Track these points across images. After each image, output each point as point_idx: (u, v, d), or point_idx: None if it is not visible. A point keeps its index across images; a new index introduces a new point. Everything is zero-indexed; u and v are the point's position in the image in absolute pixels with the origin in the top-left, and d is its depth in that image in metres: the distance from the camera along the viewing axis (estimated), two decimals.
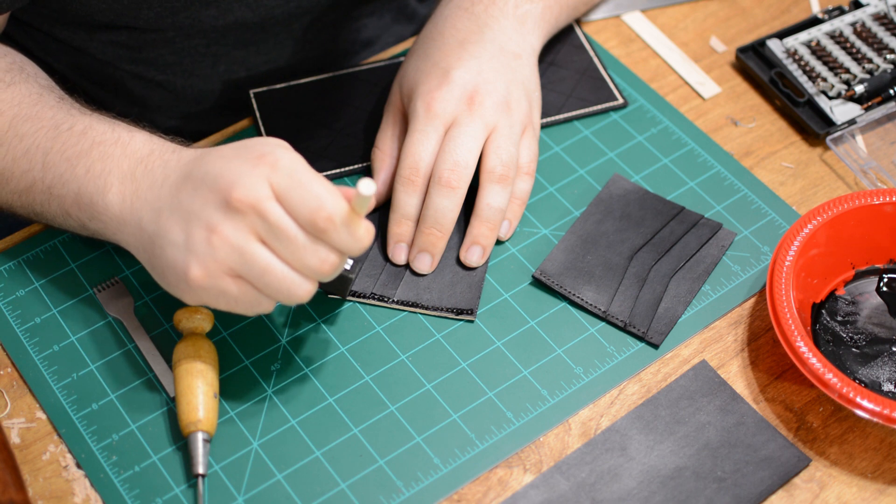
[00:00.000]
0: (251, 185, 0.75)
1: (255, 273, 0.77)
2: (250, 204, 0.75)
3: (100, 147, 0.84)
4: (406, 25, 1.21)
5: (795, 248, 0.90)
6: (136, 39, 1.06)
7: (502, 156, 0.92)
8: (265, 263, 0.76)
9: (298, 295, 0.78)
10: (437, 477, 0.84)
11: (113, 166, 0.83)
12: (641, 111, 1.05)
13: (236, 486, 0.83)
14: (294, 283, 0.77)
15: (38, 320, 0.91)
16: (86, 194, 0.84)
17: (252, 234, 0.76)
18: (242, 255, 0.76)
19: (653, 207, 0.98)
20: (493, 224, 0.92)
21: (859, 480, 0.85)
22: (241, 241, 0.76)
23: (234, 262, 0.76)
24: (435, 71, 0.94)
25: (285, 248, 0.76)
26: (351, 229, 0.76)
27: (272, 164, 0.76)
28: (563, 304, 0.93)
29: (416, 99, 0.93)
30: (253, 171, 0.76)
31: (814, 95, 1.04)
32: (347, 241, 0.76)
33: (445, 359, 0.90)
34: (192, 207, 0.77)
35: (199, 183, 0.78)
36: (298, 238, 0.76)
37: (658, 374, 0.90)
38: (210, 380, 0.85)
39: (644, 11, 1.14)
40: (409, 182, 0.92)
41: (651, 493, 0.83)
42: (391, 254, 0.94)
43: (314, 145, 1.02)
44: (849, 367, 0.89)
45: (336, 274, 0.78)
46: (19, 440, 0.85)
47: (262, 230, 0.76)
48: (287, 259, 0.76)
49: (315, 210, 0.75)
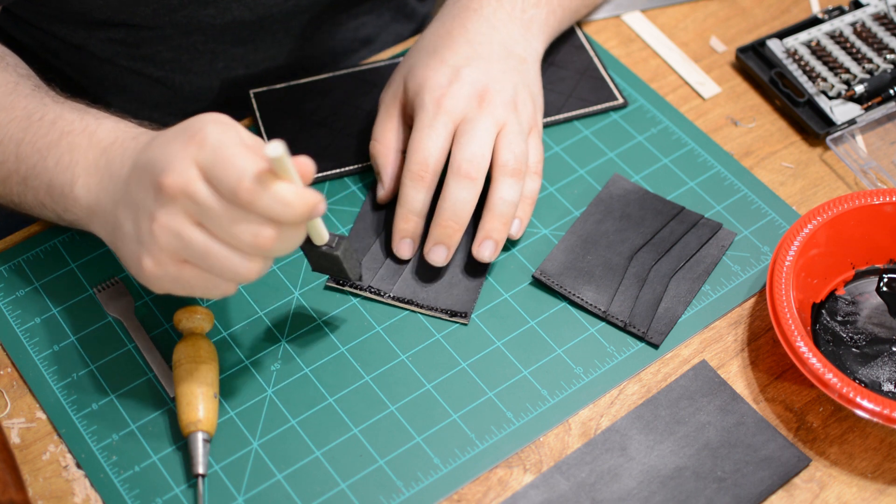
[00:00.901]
0: (179, 168, 0.74)
1: (198, 256, 0.76)
2: (179, 188, 0.74)
3: (68, 137, 0.84)
4: (405, 24, 1.21)
5: (795, 248, 0.90)
6: (133, 36, 1.06)
7: (515, 150, 0.92)
8: (203, 246, 0.75)
9: (244, 275, 0.76)
10: (437, 477, 0.84)
11: (80, 157, 0.83)
12: (641, 111, 1.05)
13: (236, 486, 0.83)
14: (236, 262, 0.76)
15: (38, 320, 0.91)
16: (56, 186, 0.84)
17: (187, 219, 0.75)
18: (181, 240, 0.75)
19: (653, 207, 0.98)
20: (505, 218, 0.92)
21: (859, 480, 0.85)
22: (178, 226, 0.75)
23: (176, 249, 0.76)
24: (444, 68, 0.93)
25: (218, 228, 0.75)
26: (277, 196, 0.73)
27: (199, 142, 0.75)
28: (563, 304, 0.93)
29: (424, 94, 0.93)
30: (181, 154, 0.75)
31: (814, 95, 1.04)
32: (276, 209, 0.73)
33: (445, 359, 0.90)
34: (137, 198, 0.77)
35: (141, 171, 0.77)
36: (227, 215, 0.74)
37: (658, 374, 0.90)
38: (210, 380, 0.85)
39: (644, 11, 1.14)
40: (418, 178, 0.91)
41: (651, 493, 0.83)
42: (397, 249, 0.93)
43: (314, 145, 1.02)
44: (849, 367, 0.89)
45: (281, 249, 0.76)
46: (19, 440, 0.85)
47: (196, 213, 0.75)
48: (223, 239, 0.75)
49: (236, 183, 0.73)
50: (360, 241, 0.95)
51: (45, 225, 0.96)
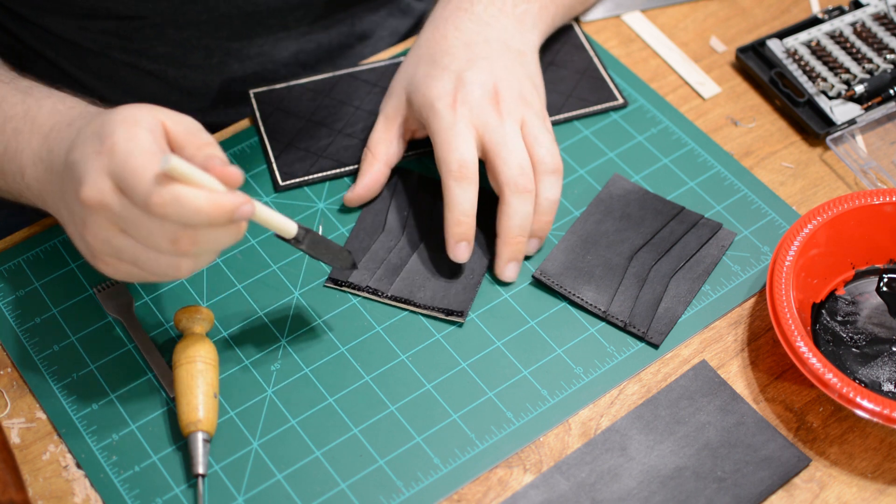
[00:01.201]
0: (92, 180, 0.75)
1: (130, 260, 0.78)
2: (96, 202, 0.76)
3: (11, 122, 0.85)
4: (401, 19, 1.21)
5: (795, 248, 0.90)
6: (125, 28, 1.06)
7: (546, 146, 0.92)
8: (132, 252, 0.77)
9: (177, 275, 0.78)
10: (437, 477, 0.84)
11: (24, 145, 0.84)
12: (641, 111, 1.05)
13: (236, 486, 0.83)
14: (168, 264, 0.77)
15: (38, 320, 0.91)
16: (8, 173, 0.85)
17: (113, 227, 0.77)
18: (112, 247, 0.77)
19: (653, 207, 0.98)
20: (550, 216, 0.93)
21: (859, 480, 0.85)
22: (107, 236, 0.77)
23: (111, 252, 0.78)
24: (446, 75, 0.93)
25: (139, 235, 0.76)
26: (186, 204, 0.74)
27: (109, 150, 0.75)
28: (563, 304, 0.93)
29: (434, 103, 0.92)
30: (95, 164, 0.76)
31: (814, 95, 1.04)
32: (188, 216, 0.74)
33: (445, 359, 0.90)
34: (69, 203, 0.79)
35: (67, 178, 0.79)
36: (144, 224, 0.75)
37: (658, 374, 0.90)
38: (210, 380, 0.85)
39: (644, 11, 1.14)
40: (462, 177, 0.90)
41: (651, 493, 0.83)
42: (454, 254, 0.91)
43: (314, 145, 1.02)
44: (849, 367, 0.89)
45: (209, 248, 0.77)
46: (19, 440, 0.85)
47: (118, 222, 0.76)
48: (147, 244, 0.76)
49: (146, 196, 0.74)
50: (360, 241, 0.95)
51: (45, 225, 0.96)
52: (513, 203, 0.90)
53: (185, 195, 0.74)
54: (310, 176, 1.00)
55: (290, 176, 1.00)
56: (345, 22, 1.15)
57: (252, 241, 0.96)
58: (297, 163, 1.01)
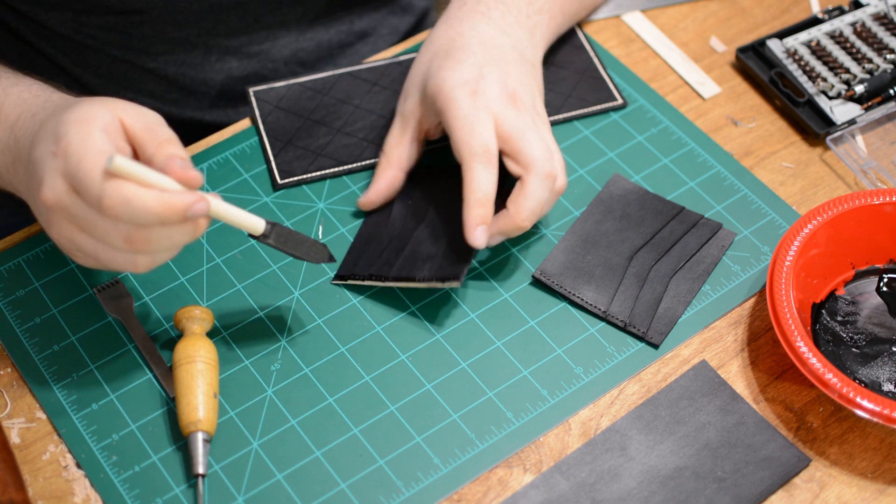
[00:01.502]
0: (49, 182, 0.77)
1: (92, 255, 0.79)
2: (53, 203, 0.77)
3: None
4: (402, 17, 1.21)
5: (795, 248, 0.90)
6: (123, 24, 1.06)
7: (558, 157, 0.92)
8: (92, 249, 0.78)
9: (135, 270, 0.80)
10: (437, 477, 0.84)
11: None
12: (641, 111, 1.05)
13: (236, 486, 0.83)
14: (125, 260, 0.79)
15: (38, 320, 0.91)
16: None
17: (71, 226, 0.78)
18: (74, 244, 0.79)
19: (653, 207, 0.98)
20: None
21: (859, 480, 0.85)
22: (67, 234, 0.78)
23: (73, 248, 0.79)
24: (464, 66, 0.92)
25: (96, 234, 0.77)
26: (137, 204, 0.75)
27: (63, 152, 0.76)
28: (563, 304, 0.93)
29: (453, 90, 0.90)
30: (51, 165, 0.77)
31: (814, 95, 1.04)
32: (139, 216, 0.75)
33: (445, 359, 0.90)
34: (32, 198, 0.81)
35: (29, 174, 0.80)
36: (99, 223, 0.76)
37: (658, 374, 0.90)
38: (210, 380, 0.85)
39: (644, 11, 1.14)
40: (487, 160, 0.88)
41: (651, 493, 0.83)
42: (473, 238, 0.88)
43: (313, 144, 1.02)
44: (849, 367, 0.89)
45: (165, 246, 0.78)
46: (19, 440, 0.85)
47: (75, 221, 0.77)
48: (105, 241, 0.78)
49: (97, 199, 0.75)
50: (368, 229, 0.95)
51: None
52: (534, 186, 0.88)
53: (135, 196, 0.75)
54: (308, 175, 1.00)
55: (288, 174, 1.00)
56: (344, 20, 1.14)
57: (252, 241, 0.96)
58: (296, 161, 1.01)
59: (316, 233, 0.96)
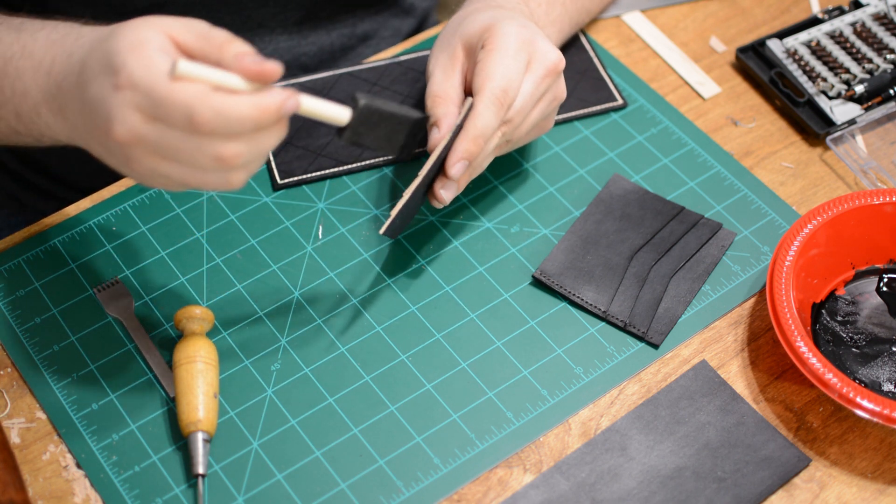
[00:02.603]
0: (121, 119, 0.72)
1: (181, 183, 0.75)
2: (131, 139, 0.73)
3: (12, 63, 0.82)
4: (404, 19, 1.21)
5: (795, 248, 0.90)
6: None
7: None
8: (180, 176, 0.74)
9: (231, 187, 0.75)
10: (437, 477, 0.84)
11: (30, 84, 0.81)
12: (641, 111, 1.05)
13: (236, 486, 0.83)
14: (219, 179, 0.74)
15: (38, 320, 0.91)
16: (24, 114, 0.82)
17: (154, 157, 0.74)
18: (160, 176, 0.75)
19: (653, 207, 0.98)
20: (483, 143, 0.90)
21: (859, 480, 0.85)
22: (150, 166, 0.74)
23: (161, 180, 0.75)
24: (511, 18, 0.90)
25: (183, 159, 0.73)
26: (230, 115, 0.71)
27: (129, 85, 0.72)
28: (563, 304, 0.93)
29: (505, 28, 0.88)
30: (116, 102, 0.72)
31: (814, 95, 1.04)
32: (234, 126, 0.72)
33: (445, 359, 0.90)
34: (99, 141, 0.76)
35: (90, 114, 0.75)
36: (184, 146, 0.72)
37: (658, 374, 0.90)
38: (210, 380, 0.85)
39: (644, 11, 1.14)
40: (500, 104, 0.87)
41: (651, 493, 0.83)
42: (453, 169, 0.87)
43: (313, 144, 1.02)
44: (849, 367, 0.89)
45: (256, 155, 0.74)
46: (19, 440, 0.85)
47: (157, 151, 0.73)
48: (193, 165, 0.74)
49: (187, 120, 0.71)
50: None
51: (45, 225, 0.96)
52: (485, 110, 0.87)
53: (225, 105, 0.71)
54: (308, 175, 1.00)
55: (288, 174, 1.00)
56: (346, 23, 1.14)
57: (252, 241, 0.96)
58: (296, 161, 1.01)
59: (316, 233, 0.96)
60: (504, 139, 0.89)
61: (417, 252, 0.95)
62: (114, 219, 0.97)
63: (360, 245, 0.96)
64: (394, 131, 0.83)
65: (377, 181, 1.00)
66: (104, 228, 0.96)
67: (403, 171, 1.00)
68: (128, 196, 0.98)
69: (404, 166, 1.01)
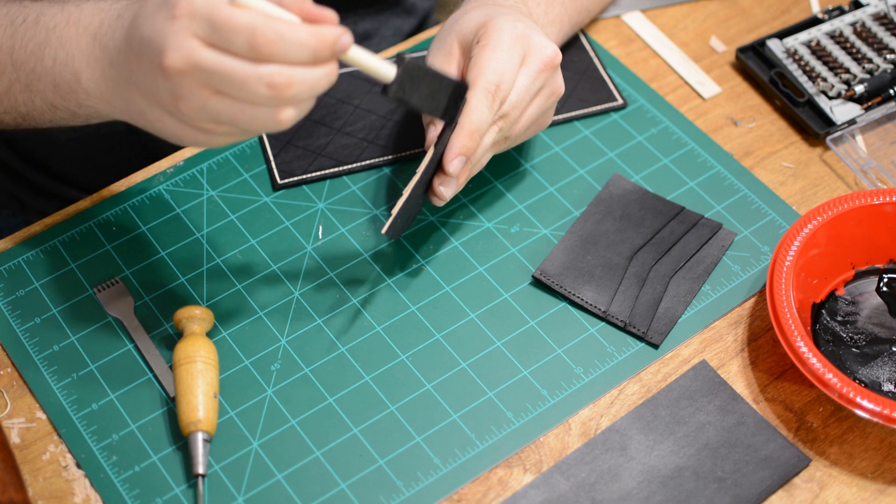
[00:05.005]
0: (176, 46, 0.73)
1: (229, 120, 0.75)
2: (185, 66, 0.73)
3: (56, 32, 0.83)
4: (405, 19, 1.21)
5: (795, 248, 0.90)
6: None
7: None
8: (230, 112, 0.75)
9: (280, 125, 0.76)
10: (437, 477, 0.84)
11: (74, 50, 0.82)
12: (641, 111, 1.05)
13: (236, 486, 0.83)
14: (268, 117, 0.75)
15: (38, 320, 0.91)
16: (63, 84, 0.83)
17: (205, 90, 0.74)
18: (209, 112, 0.75)
19: (653, 207, 0.98)
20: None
21: (859, 480, 0.85)
22: (200, 101, 0.75)
23: (208, 118, 0.76)
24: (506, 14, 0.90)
25: (235, 89, 0.74)
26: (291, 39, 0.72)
27: (188, 13, 0.73)
28: (563, 304, 0.93)
29: (499, 21, 0.89)
30: (174, 30, 0.73)
31: (814, 95, 1.04)
32: (293, 51, 0.73)
33: (445, 359, 0.90)
34: (146, 83, 0.76)
35: (138, 55, 0.76)
36: (240, 75, 0.73)
37: (658, 374, 0.90)
38: (210, 380, 0.85)
39: (644, 11, 1.14)
40: (493, 97, 0.87)
41: (651, 493, 0.83)
42: (451, 166, 0.87)
43: (313, 144, 1.02)
44: (849, 367, 0.90)
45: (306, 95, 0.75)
46: (19, 440, 0.85)
47: (209, 82, 0.74)
48: (245, 98, 0.74)
49: (249, 41, 0.72)
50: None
51: (45, 225, 0.96)
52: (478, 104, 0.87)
53: (287, 30, 0.72)
54: (308, 175, 1.00)
55: (288, 174, 1.00)
56: (347, 22, 1.14)
57: (252, 241, 0.96)
58: (296, 161, 1.01)
59: (316, 233, 0.96)
60: (502, 135, 0.89)
61: (417, 252, 0.95)
62: (114, 219, 0.97)
63: (360, 245, 0.96)
64: (436, 90, 0.84)
65: (377, 181, 1.00)
66: (104, 228, 0.96)
67: (403, 171, 1.01)
68: (128, 196, 0.98)
69: (404, 166, 1.01)
